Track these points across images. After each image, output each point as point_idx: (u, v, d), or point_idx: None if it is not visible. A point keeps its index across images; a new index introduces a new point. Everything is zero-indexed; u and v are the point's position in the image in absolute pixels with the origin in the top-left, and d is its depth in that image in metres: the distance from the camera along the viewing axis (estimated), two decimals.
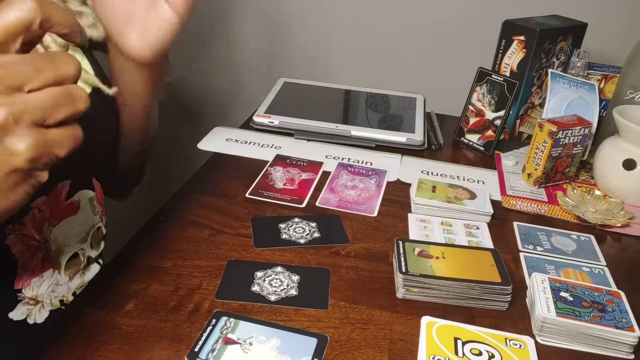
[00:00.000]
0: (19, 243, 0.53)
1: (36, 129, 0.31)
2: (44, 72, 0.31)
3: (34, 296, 0.56)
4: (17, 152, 0.30)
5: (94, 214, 0.62)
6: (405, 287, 0.56)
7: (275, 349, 0.47)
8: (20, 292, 0.55)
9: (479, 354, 0.49)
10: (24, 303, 0.56)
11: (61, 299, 0.60)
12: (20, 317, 0.56)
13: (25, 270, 0.55)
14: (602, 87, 0.91)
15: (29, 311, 0.56)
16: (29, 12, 0.31)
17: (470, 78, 0.93)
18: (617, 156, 0.77)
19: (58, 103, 0.31)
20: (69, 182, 0.57)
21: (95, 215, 0.62)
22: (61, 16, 0.33)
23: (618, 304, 0.53)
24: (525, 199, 0.77)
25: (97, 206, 0.62)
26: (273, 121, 0.93)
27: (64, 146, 0.33)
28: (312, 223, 0.67)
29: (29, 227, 0.54)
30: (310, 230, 0.66)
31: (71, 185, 0.57)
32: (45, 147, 0.31)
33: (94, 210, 0.62)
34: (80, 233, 0.60)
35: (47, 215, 0.55)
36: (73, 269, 0.60)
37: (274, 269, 0.58)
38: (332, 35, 1.48)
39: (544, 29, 0.83)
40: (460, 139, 0.95)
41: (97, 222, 0.63)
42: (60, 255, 0.58)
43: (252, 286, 0.56)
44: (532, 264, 0.63)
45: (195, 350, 0.47)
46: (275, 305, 0.53)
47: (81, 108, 0.33)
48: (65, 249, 0.59)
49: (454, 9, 1.35)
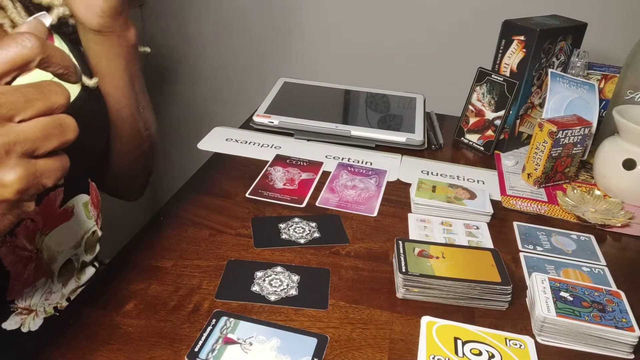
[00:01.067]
0: (11, 255, 0.52)
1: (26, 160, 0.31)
2: (35, 102, 0.31)
3: (27, 306, 0.56)
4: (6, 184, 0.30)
5: (89, 218, 0.61)
6: (405, 287, 0.56)
7: (275, 349, 0.47)
8: (13, 303, 0.54)
9: (479, 354, 0.49)
10: (17, 313, 0.55)
11: (55, 305, 0.59)
12: (14, 327, 0.55)
13: (18, 282, 0.54)
14: (602, 87, 0.91)
15: (23, 320, 0.56)
16: (31, 50, 0.31)
17: (470, 78, 0.93)
18: (617, 156, 0.77)
19: (48, 134, 0.31)
20: (63, 189, 0.56)
21: (90, 219, 0.61)
22: (59, 57, 0.33)
23: (618, 304, 0.53)
24: (525, 198, 0.77)
25: (92, 210, 0.62)
26: (273, 121, 0.93)
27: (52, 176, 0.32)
28: (312, 223, 0.67)
29: (21, 237, 0.53)
30: (310, 230, 0.66)
31: (65, 191, 0.57)
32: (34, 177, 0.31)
33: (88, 214, 0.61)
34: (74, 239, 0.59)
35: (40, 224, 0.54)
36: (66, 275, 0.59)
37: (273, 269, 0.58)
38: (332, 35, 1.48)
39: (543, 29, 0.83)
40: (460, 139, 0.95)
41: (92, 226, 0.62)
42: (53, 264, 0.57)
43: (252, 286, 0.56)
44: (532, 263, 0.63)
45: (195, 350, 0.47)
46: (275, 305, 0.53)
47: (71, 138, 0.33)
48: (58, 257, 0.58)
49: (454, 9, 1.35)
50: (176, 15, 1.59)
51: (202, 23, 1.58)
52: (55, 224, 0.56)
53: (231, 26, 1.56)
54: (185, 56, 1.64)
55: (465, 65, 1.13)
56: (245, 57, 1.59)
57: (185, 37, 1.61)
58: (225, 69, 1.63)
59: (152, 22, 1.62)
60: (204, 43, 1.60)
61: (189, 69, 1.66)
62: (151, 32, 1.63)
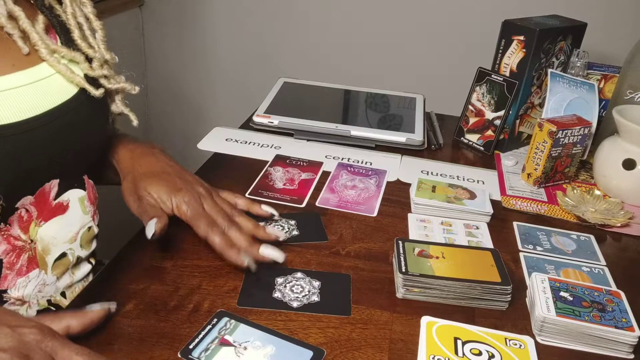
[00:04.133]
0: (5, 243, 0.53)
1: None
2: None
3: (20, 297, 0.56)
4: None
5: (85, 213, 0.61)
6: (405, 287, 0.56)
7: (268, 357, 0.47)
8: (6, 292, 0.55)
9: (479, 353, 0.49)
10: (10, 304, 0.55)
11: (49, 298, 0.59)
12: None
13: (11, 271, 0.54)
14: (601, 87, 0.91)
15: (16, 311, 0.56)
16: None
17: (470, 78, 0.93)
18: (617, 156, 0.77)
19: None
20: (58, 181, 0.57)
21: (86, 214, 0.62)
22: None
23: (618, 304, 0.53)
24: (525, 198, 0.77)
25: (89, 205, 0.62)
26: (273, 121, 0.93)
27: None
28: (291, 221, 0.67)
29: (15, 227, 0.53)
30: (290, 228, 0.66)
31: (60, 185, 0.57)
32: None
33: (84, 209, 0.61)
34: (69, 233, 0.59)
35: (35, 214, 0.55)
36: (60, 268, 0.59)
37: (294, 274, 0.58)
38: (332, 35, 1.48)
39: (543, 29, 0.83)
40: (460, 139, 0.95)
41: (88, 222, 0.62)
42: (47, 256, 0.58)
43: (274, 292, 0.55)
44: (532, 263, 0.63)
45: (189, 348, 0.47)
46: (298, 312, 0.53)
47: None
48: (53, 249, 0.58)
49: (454, 9, 1.35)
50: (176, 16, 1.59)
51: (201, 23, 1.58)
52: (50, 216, 0.57)
53: (231, 26, 1.56)
54: (184, 56, 1.64)
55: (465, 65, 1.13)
56: (245, 57, 1.59)
57: (184, 38, 1.61)
58: (225, 69, 1.63)
59: (151, 23, 1.62)
60: (204, 43, 1.61)
61: (189, 69, 1.66)
62: (151, 32, 1.63)
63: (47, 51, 0.53)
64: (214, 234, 0.56)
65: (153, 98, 1.73)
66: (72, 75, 0.55)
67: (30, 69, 0.53)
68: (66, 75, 0.55)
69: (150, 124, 1.75)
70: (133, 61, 1.61)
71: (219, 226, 0.57)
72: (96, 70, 0.58)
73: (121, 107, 0.64)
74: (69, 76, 0.55)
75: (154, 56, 1.66)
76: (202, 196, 0.60)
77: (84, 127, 0.58)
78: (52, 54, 0.54)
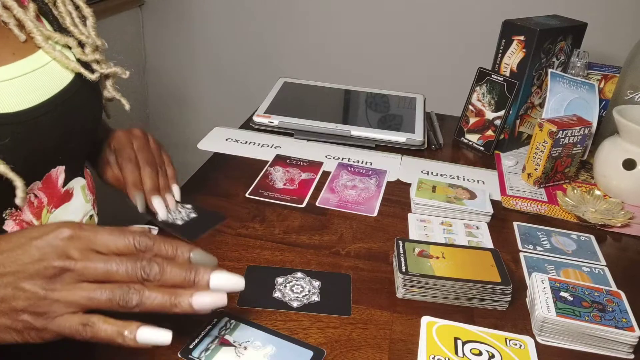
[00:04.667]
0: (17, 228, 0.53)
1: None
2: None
3: None
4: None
5: (86, 201, 0.62)
6: (405, 287, 0.56)
7: (268, 357, 0.47)
8: None
9: (479, 354, 0.49)
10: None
11: None
12: None
13: None
14: (602, 87, 0.91)
15: None
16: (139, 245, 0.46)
17: (470, 78, 0.93)
18: (617, 156, 0.77)
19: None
20: (64, 168, 0.57)
21: (88, 202, 0.63)
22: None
23: (618, 304, 0.53)
24: (525, 198, 0.77)
25: (89, 194, 0.63)
26: (273, 121, 0.93)
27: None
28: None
29: (27, 212, 0.54)
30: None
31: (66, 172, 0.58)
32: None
33: (86, 198, 0.62)
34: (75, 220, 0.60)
35: (45, 201, 0.55)
36: None
37: (294, 274, 0.58)
38: (332, 35, 1.48)
39: (543, 29, 0.83)
40: (460, 139, 0.95)
41: (90, 210, 0.63)
42: None
43: (274, 292, 0.55)
44: (532, 264, 0.63)
45: (189, 347, 0.47)
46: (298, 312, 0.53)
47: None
48: None
49: (454, 9, 1.35)
50: (176, 16, 1.59)
51: (201, 23, 1.58)
52: (59, 203, 0.57)
53: (231, 26, 1.56)
54: (185, 56, 1.64)
55: (465, 65, 1.13)
56: (245, 57, 1.59)
57: (184, 38, 1.61)
58: (225, 69, 1.63)
59: (151, 22, 1.62)
60: (204, 43, 1.60)
61: (189, 69, 1.66)
62: (151, 32, 1.63)
63: (42, 38, 0.54)
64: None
65: (153, 98, 1.73)
66: (67, 61, 0.56)
67: (30, 57, 0.53)
68: (61, 62, 0.56)
69: (150, 124, 1.75)
70: (133, 61, 1.61)
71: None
72: (89, 55, 0.58)
73: (112, 92, 0.63)
74: (65, 62, 0.56)
75: (154, 56, 1.66)
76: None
77: (83, 111, 0.59)
78: (47, 41, 0.55)
